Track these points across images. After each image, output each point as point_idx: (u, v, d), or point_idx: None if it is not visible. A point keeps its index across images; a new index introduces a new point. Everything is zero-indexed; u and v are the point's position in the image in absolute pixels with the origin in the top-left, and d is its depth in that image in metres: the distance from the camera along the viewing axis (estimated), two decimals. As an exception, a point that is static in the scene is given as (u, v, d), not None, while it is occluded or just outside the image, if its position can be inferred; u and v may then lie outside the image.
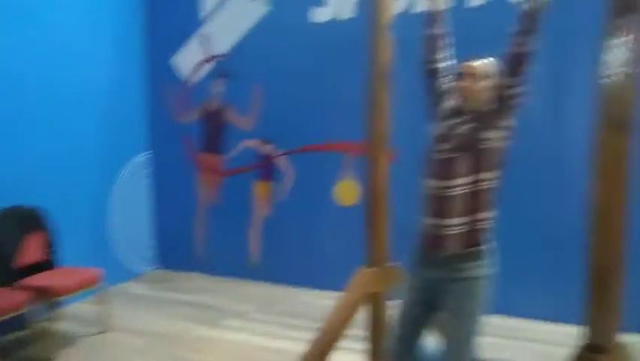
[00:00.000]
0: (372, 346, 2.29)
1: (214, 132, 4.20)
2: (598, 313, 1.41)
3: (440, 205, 1.73)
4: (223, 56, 4.09)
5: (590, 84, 1.40)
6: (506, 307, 3.22)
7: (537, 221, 3.20)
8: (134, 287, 4.06)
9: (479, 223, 1.72)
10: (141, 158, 4.35)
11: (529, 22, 1.62)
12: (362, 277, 2.20)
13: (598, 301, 1.40)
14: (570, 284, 2.06)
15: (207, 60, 4.15)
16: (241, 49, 4.02)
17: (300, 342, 2.89)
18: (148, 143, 4.39)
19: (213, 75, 4.16)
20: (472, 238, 1.72)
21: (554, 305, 3.14)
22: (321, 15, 3.71)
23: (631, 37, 1.28)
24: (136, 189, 4.31)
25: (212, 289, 4.00)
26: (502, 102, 1.70)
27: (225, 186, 4.22)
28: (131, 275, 4.22)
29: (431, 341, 1.95)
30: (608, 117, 1.34)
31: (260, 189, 4.07)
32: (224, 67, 4.09)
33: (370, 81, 2.21)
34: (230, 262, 4.22)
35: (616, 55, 1.31)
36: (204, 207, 4.31)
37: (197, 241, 4.36)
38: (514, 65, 1.67)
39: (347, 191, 3.76)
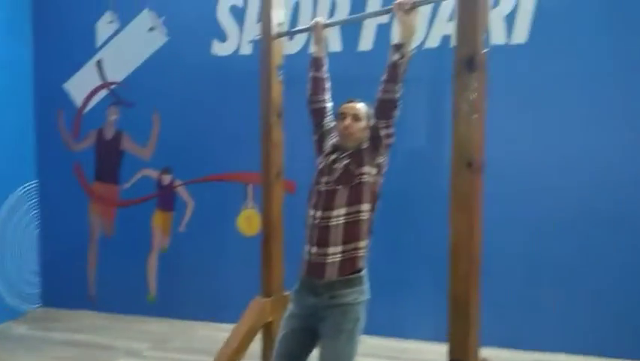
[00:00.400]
0: (267, 376, 2.34)
1: (109, 161, 4.06)
2: (458, 331, 1.58)
3: (320, 234, 1.86)
4: (119, 83, 4.00)
5: (448, 129, 1.60)
6: (391, 329, 3.43)
7: (419, 247, 3.44)
8: (15, 328, 3.73)
9: (355, 252, 1.85)
10: (27, 187, 4.07)
11: (396, 72, 1.82)
12: (256, 306, 2.26)
13: (457, 320, 1.58)
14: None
15: (102, 87, 4.03)
16: (138, 77, 3.95)
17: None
18: (35, 171, 4.13)
19: (108, 103, 4.04)
20: (348, 266, 1.84)
21: (434, 326, 3.38)
22: (221, 49, 3.78)
23: (474, 90, 1.51)
24: (19, 220, 4.01)
25: (104, 328, 3.79)
26: (375, 142, 1.88)
27: (121, 218, 4.06)
28: (11, 315, 3.87)
29: None
30: (460, 157, 1.54)
31: (159, 220, 3.98)
32: (119, 95, 4.00)
33: (264, 117, 2.33)
34: (125, 298, 4.04)
35: (465, 106, 1.53)
36: (97, 239, 4.10)
37: (88, 276, 4.12)
38: (384, 109, 1.86)
39: (249, 221, 3.80)
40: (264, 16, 2.31)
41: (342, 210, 1.83)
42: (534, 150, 3.27)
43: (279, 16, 2.32)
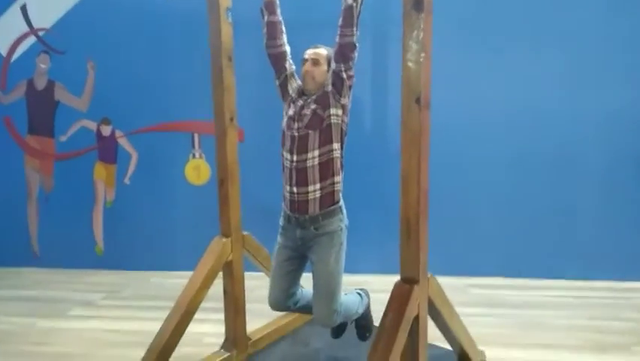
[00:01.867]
0: (230, 313, 2.46)
1: (43, 113, 3.86)
2: (408, 253, 1.77)
3: (298, 175, 2.03)
4: (47, 30, 3.76)
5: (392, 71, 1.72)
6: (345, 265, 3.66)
7: (366, 187, 3.64)
8: (-46, 290, 3.60)
9: (332, 186, 2.05)
10: (-49, 144, 3.83)
11: (351, 16, 1.90)
12: (217, 246, 2.35)
13: (407, 244, 1.76)
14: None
15: (29, 34, 3.77)
16: (69, 23, 3.74)
17: (154, 322, 2.93)
18: (-41, 126, 3.88)
19: (37, 51, 3.80)
20: (328, 199, 2.04)
21: (386, 260, 3.64)
22: (158, -9, 3.64)
23: (421, 30, 1.62)
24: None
25: (53, 282, 3.74)
26: (338, 84, 1.99)
27: (60, 172, 3.92)
28: (-53, 277, 3.73)
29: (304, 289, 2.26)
30: (409, 94, 1.67)
31: (101, 173, 3.89)
32: (49, 42, 3.77)
33: (215, 60, 2.32)
34: (71, 253, 3.97)
35: (413, 45, 1.65)
36: (35, 195, 3.96)
37: (30, 232, 3.99)
38: (344, 52, 1.95)
39: (197, 171, 3.81)
40: (209, -46, 2.26)
41: (316, 152, 2.00)
42: (478, 88, 3.48)
43: (225, -45, 2.28)
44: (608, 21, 3.34)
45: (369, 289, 2.46)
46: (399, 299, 1.76)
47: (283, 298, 2.18)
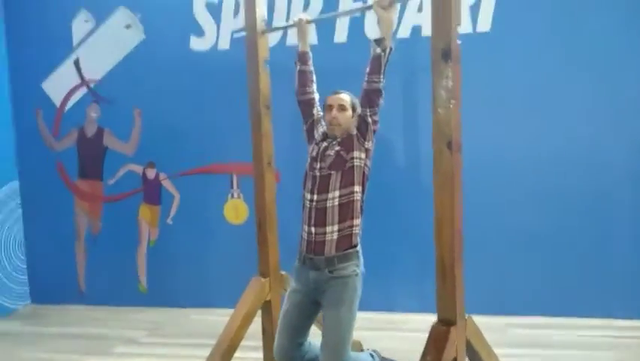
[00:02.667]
0: (268, 352, 2.51)
1: (92, 158, 4.11)
2: (445, 294, 1.79)
3: (317, 215, 2.04)
4: (98, 81, 4.04)
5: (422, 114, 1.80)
6: (381, 304, 3.66)
7: (401, 226, 3.66)
8: (6, 325, 3.78)
9: (350, 229, 2.05)
10: (10, 187, 4.09)
11: (379, 65, 2.00)
12: (256, 285, 2.42)
13: (444, 285, 1.78)
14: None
15: (81, 85, 4.07)
16: (117, 74, 4.00)
17: (194, 359, 3.01)
18: (16, 171, 4.15)
19: (88, 101, 4.08)
20: (345, 242, 2.03)
21: (424, 298, 3.62)
22: (199, 44, 3.88)
23: (450, 79, 1.70)
24: (4, 221, 4.05)
25: (97, 319, 3.88)
26: (363, 129, 2.07)
27: (108, 213, 4.13)
28: (0, 314, 3.92)
29: (314, 338, 2.19)
30: (440, 139, 1.74)
31: (145, 214, 4.07)
32: (99, 92, 4.05)
33: (254, 108, 2.47)
34: (115, 291, 4.13)
35: (442, 92, 1.73)
36: (84, 235, 4.17)
37: (78, 271, 4.18)
38: (370, 98, 2.05)
39: (236, 210, 3.93)
40: (249, 11, 2.44)
41: (337, 193, 2.02)
42: (500, 132, 3.51)
43: (263, 11, 2.46)
44: (632, 54, 3.34)
45: (408, 328, 2.46)
46: (436, 342, 1.78)
47: (290, 348, 2.10)
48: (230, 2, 3.80)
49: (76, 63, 4.08)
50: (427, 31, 3.43)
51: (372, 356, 2.33)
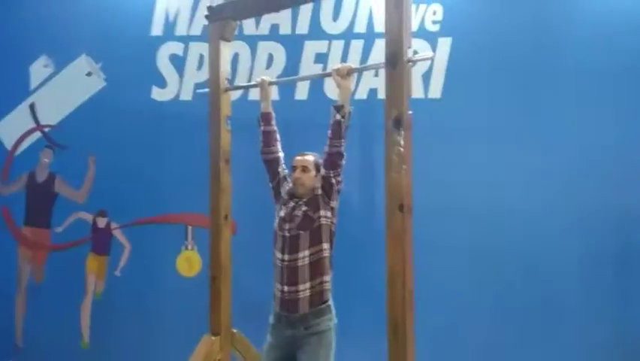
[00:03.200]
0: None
1: (41, 204, 3.97)
2: (397, 351, 1.82)
3: (289, 274, 2.12)
4: (53, 126, 3.98)
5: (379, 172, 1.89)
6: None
7: (358, 282, 3.69)
8: None
9: (322, 285, 2.14)
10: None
11: (339, 129, 2.12)
12: (206, 344, 2.37)
13: (395, 344, 1.81)
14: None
15: (35, 130, 3.99)
16: (74, 120, 3.96)
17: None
18: (-44, 217, 3.96)
19: (41, 145, 3.99)
20: (317, 299, 2.12)
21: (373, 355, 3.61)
22: (161, 94, 3.91)
23: (401, 146, 1.81)
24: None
25: (32, 378, 3.63)
26: (328, 189, 2.16)
27: (53, 263, 3.95)
28: None
29: None
30: (392, 201, 1.82)
31: (93, 264, 3.92)
32: (53, 138, 3.98)
33: (213, 163, 2.50)
34: (55, 347, 3.88)
35: (395, 158, 1.83)
36: (25, 286, 3.95)
37: (16, 324, 3.93)
38: (333, 161, 2.16)
39: (189, 262, 3.86)
40: (213, 70, 2.52)
41: (307, 252, 2.12)
42: (451, 192, 3.67)
43: (226, 69, 2.54)
44: (585, 126, 3.61)
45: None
46: (387, 401, 1.79)
47: None
48: (195, 55, 3.89)
49: (32, 107, 4.02)
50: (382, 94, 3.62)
51: None
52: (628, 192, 3.54)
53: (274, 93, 3.80)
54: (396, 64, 1.84)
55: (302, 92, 3.84)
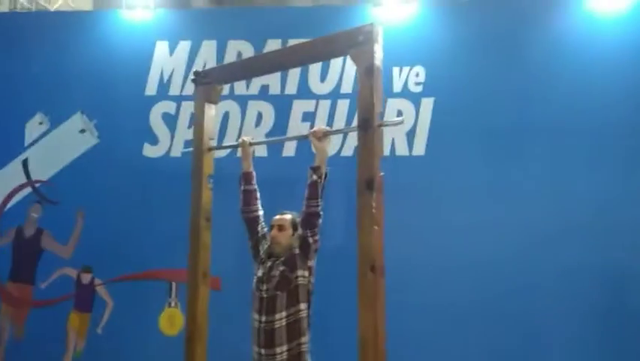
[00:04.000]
0: None
1: (26, 259, 3.97)
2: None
3: (266, 337, 2.10)
4: (44, 182, 4.03)
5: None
6: None
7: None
8: None
9: (299, 347, 2.11)
10: None
11: (315, 190, 2.15)
12: (179, 408, 2.29)
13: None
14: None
15: (25, 185, 4.04)
16: (65, 176, 4.04)
17: None
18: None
19: (31, 200, 4.03)
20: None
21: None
22: (152, 151, 4.00)
23: (373, 208, 1.84)
24: None
25: None
26: (305, 248, 2.17)
27: (35, 319, 3.89)
28: None
29: None
30: (364, 262, 1.83)
31: (74, 322, 3.85)
32: (44, 193, 4.02)
33: (194, 221, 2.52)
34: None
35: (366, 219, 1.85)
36: (4, 342, 3.86)
37: (-9, 385, 3.83)
38: (309, 221, 2.17)
39: (171, 321, 3.80)
40: (197, 130, 2.58)
41: (284, 313, 2.11)
42: (436, 245, 3.68)
43: (211, 131, 2.61)
44: (562, 184, 3.67)
45: None
46: None
47: None
48: (186, 114, 3.99)
49: (25, 163, 4.09)
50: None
51: None
52: (605, 247, 3.56)
53: (262, 150, 3.92)
54: (367, 128, 1.90)
55: (289, 149, 3.92)
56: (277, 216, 2.30)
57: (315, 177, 2.15)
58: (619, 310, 3.51)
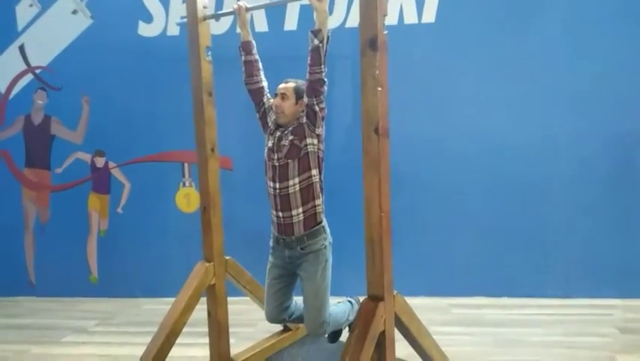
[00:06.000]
0: (214, 336, 2.56)
1: (39, 146, 4.03)
2: (373, 272, 1.89)
3: (282, 201, 2.21)
4: (44, 68, 3.96)
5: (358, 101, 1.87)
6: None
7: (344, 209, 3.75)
8: (-49, 320, 3.70)
9: (314, 209, 2.22)
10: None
11: (318, 55, 2.07)
12: (200, 270, 2.46)
13: (372, 263, 1.88)
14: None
15: (26, 72, 3.98)
16: (64, 61, 3.93)
17: (144, 346, 3.02)
18: (-41, 161, 4.04)
19: (34, 87, 3.99)
20: (311, 221, 2.22)
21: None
22: (148, 30, 3.84)
23: (377, 67, 1.78)
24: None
25: (47, 310, 3.84)
26: (311, 116, 2.15)
27: (56, 203, 4.06)
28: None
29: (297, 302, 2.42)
30: (368, 125, 1.82)
31: (95, 203, 4.02)
32: (45, 79, 3.97)
33: (196, 96, 2.49)
34: (66, 282, 4.07)
35: (370, 80, 1.80)
36: (32, 226, 4.09)
37: (27, 262, 4.11)
38: (314, 88, 2.12)
39: (187, 199, 3.94)
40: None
41: (296, 180, 2.18)
42: (445, 117, 3.65)
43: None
44: (575, 52, 3.51)
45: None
46: (365, 316, 1.87)
47: (277, 313, 2.36)
48: (180, -12, 3.77)
49: (22, 49, 3.98)
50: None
51: (350, 302, 2.54)
52: (618, 115, 3.50)
53: (263, 25, 3.75)
54: (370, -17, 1.77)
55: (291, 22, 3.74)
56: (280, 85, 2.26)
57: (316, 41, 2.06)
58: (628, 169, 3.54)
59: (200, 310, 2.52)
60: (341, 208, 3.75)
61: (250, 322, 3.35)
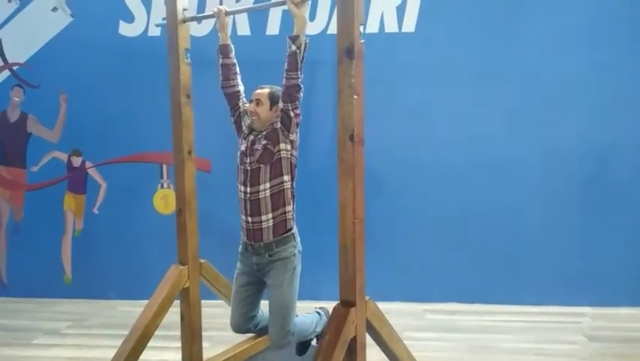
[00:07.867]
0: (186, 339, 2.54)
1: (15, 144, 3.96)
2: (346, 277, 1.90)
3: (252, 206, 2.20)
4: (22, 64, 3.90)
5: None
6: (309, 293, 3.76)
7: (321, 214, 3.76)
8: None
9: (284, 215, 2.21)
10: None
11: (295, 61, 2.09)
12: (174, 273, 2.45)
13: (345, 268, 1.89)
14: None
15: (3, 68, 3.91)
16: (43, 58, 3.87)
17: (115, 349, 2.99)
18: None
19: (11, 84, 3.93)
20: (280, 228, 2.21)
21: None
22: (129, 30, 3.81)
23: (352, 76, 1.80)
24: None
25: (19, 311, 3.77)
26: (286, 122, 2.17)
27: (31, 202, 3.99)
28: None
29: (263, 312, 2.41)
30: (344, 132, 1.84)
31: (70, 203, 3.97)
32: (23, 76, 3.90)
33: (174, 98, 2.48)
34: (39, 282, 4.00)
35: (346, 88, 1.82)
36: (5, 224, 4.01)
37: (0, 263, 4.04)
38: (290, 94, 2.14)
39: (165, 200, 3.91)
40: (170, 0, 2.45)
41: (267, 185, 2.18)
42: (421, 125, 3.69)
43: (184, 1, 2.47)
44: (552, 59, 3.59)
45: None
46: (336, 321, 1.88)
47: (243, 322, 2.33)
48: (162, -11, 3.75)
49: (-1, 45, 3.92)
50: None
51: (319, 313, 2.54)
52: (592, 128, 3.58)
53: (245, 29, 3.75)
54: (347, -8, 1.79)
55: (273, 27, 3.75)
56: (255, 91, 2.27)
57: (294, 47, 2.08)
58: (601, 181, 3.63)
59: (174, 313, 2.51)
60: (321, 213, 3.78)
61: (225, 326, 3.28)
